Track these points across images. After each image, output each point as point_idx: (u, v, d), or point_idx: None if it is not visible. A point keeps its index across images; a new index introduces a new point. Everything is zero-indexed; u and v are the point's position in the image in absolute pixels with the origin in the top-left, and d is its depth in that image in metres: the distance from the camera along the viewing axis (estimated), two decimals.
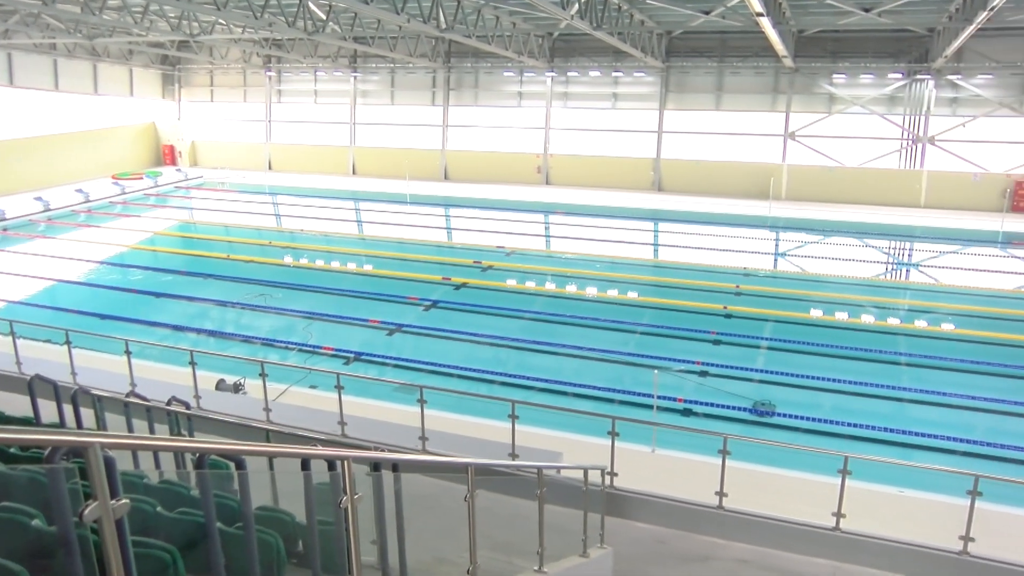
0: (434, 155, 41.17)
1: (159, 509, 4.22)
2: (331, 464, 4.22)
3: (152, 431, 7.96)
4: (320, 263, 24.81)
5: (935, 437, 12.95)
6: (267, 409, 11.31)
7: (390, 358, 16.62)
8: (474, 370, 15.66)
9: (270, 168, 44.29)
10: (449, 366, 15.82)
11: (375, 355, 16.71)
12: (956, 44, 26.10)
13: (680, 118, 37.13)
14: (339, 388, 10.84)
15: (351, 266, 24.83)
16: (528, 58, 34.12)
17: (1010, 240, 27.76)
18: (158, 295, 21.16)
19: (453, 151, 41.17)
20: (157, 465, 5.77)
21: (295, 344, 16.99)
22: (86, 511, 2.56)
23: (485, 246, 26.97)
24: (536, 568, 6.01)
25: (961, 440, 12.82)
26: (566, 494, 7.37)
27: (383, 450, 5.74)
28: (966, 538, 8.16)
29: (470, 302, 20.87)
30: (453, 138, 41.40)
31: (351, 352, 16.57)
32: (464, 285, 22.19)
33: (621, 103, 38.36)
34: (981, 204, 32.06)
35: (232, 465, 4.21)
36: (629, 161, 37.86)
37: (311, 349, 16.62)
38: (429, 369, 15.66)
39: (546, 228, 32.54)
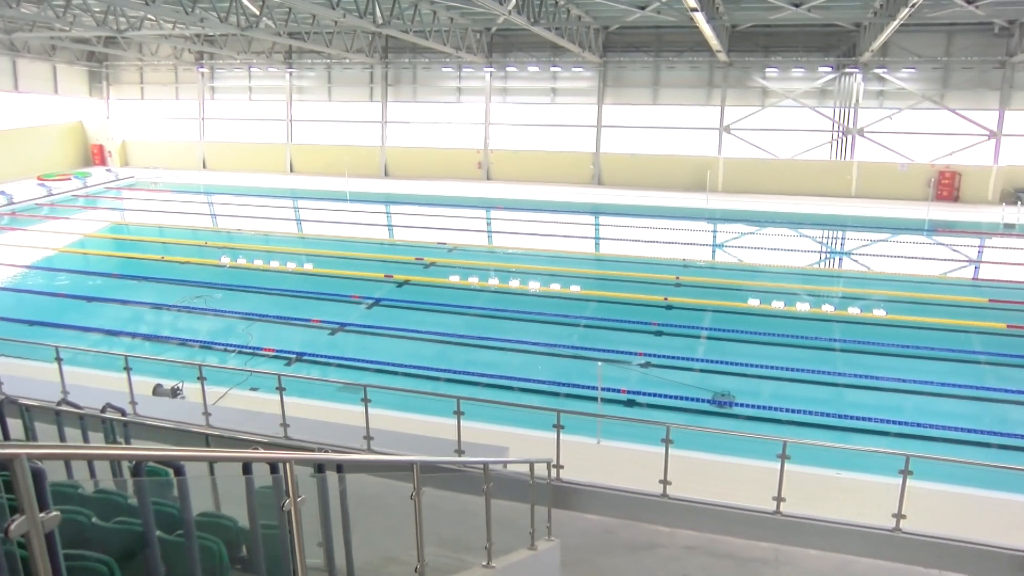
0: (373, 152, 40.78)
1: (95, 520, 4.09)
2: (273, 467, 4.15)
3: (86, 440, 7.71)
4: (259, 263, 24.36)
5: (869, 420, 13.37)
6: (206, 413, 11.06)
7: (333, 358, 16.43)
8: (419, 367, 15.58)
9: (205, 167, 43.30)
10: (393, 364, 15.71)
11: (318, 355, 16.49)
12: (881, 39, 26.95)
13: (618, 112, 37.52)
14: (280, 390, 10.67)
15: (291, 266, 24.44)
16: (466, 54, 34.04)
17: (935, 228, 28.79)
18: (90, 299, 20.50)
19: (393, 148, 40.84)
20: (92, 475, 5.60)
21: (235, 346, 16.66)
22: (12, 526, 2.46)
23: (427, 243, 26.85)
24: (484, 563, 6.01)
25: (893, 422, 13.25)
26: (513, 488, 7.39)
27: (327, 451, 5.67)
28: (898, 515, 8.44)
29: (413, 299, 20.76)
30: (392, 134, 41.07)
31: (293, 353, 16.32)
32: (407, 282, 22.06)
33: (560, 98, 38.57)
34: (908, 193, 33.20)
35: (171, 471, 4.10)
36: (569, 155, 38.11)
37: (251, 351, 16.31)
38: (373, 368, 15.53)
39: (488, 224, 32.54)
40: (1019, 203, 30.38)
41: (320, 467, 4.88)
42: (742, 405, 13.79)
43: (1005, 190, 32.20)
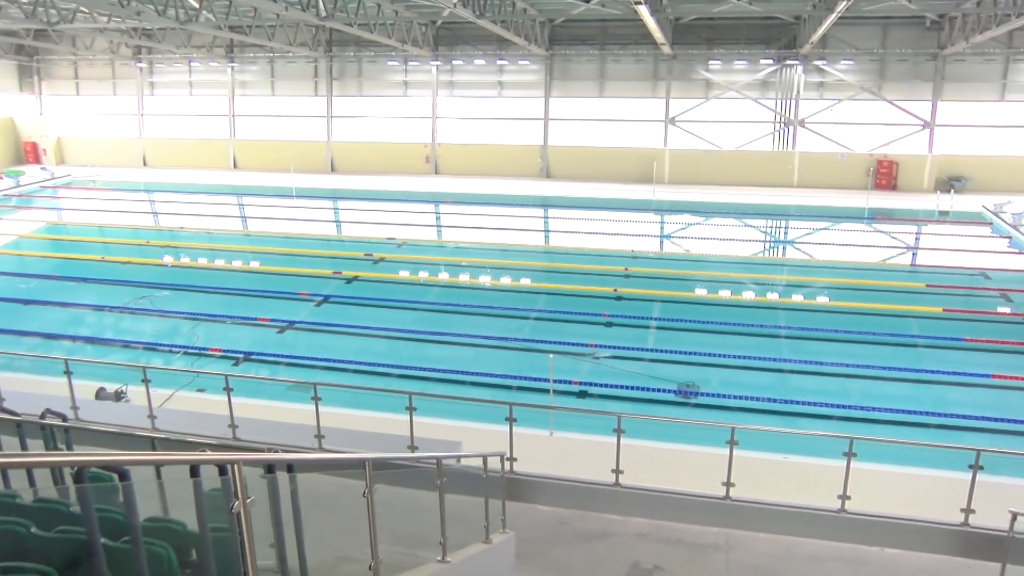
0: (319, 147, 40.27)
1: (34, 530, 3.97)
2: (222, 469, 4.08)
3: (24, 447, 7.47)
4: (203, 262, 23.86)
5: (814, 404, 13.69)
6: (152, 416, 10.83)
7: (282, 356, 16.20)
8: (370, 364, 15.46)
9: (145, 164, 42.24)
10: (344, 361, 15.56)
11: (266, 354, 16.24)
12: (820, 31, 27.54)
13: (565, 105, 37.68)
14: (228, 390, 10.49)
15: (237, 264, 24.00)
16: (412, 47, 33.81)
17: (875, 216, 29.58)
18: (27, 302, 19.84)
19: (339, 142, 40.38)
20: (31, 483, 5.43)
21: (180, 347, 16.30)
22: None
23: (376, 238, 26.64)
24: (439, 558, 6.01)
25: (837, 406, 13.61)
26: (467, 482, 7.40)
27: (277, 451, 5.60)
28: (843, 497, 8.69)
29: (363, 295, 20.58)
30: (338, 129, 40.61)
31: (240, 352, 16.04)
32: (356, 279, 21.86)
33: (507, 91, 38.57)
34: (848, 183, 34.03)
35: (115, 477, 4.01)
36: (517, 148, 38.15)
37: (198, 351, 15.99)
38: (323, 365, 15.36)
39: (437, 218, 32.40)
40: (952, 191, 31.38)
41: (270, 467, 4.82)
42: (692, 393, 14.00)
43: (939, 178, 33.23)
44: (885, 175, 33.96)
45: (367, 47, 37.90)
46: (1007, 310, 18.83)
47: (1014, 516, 6.71)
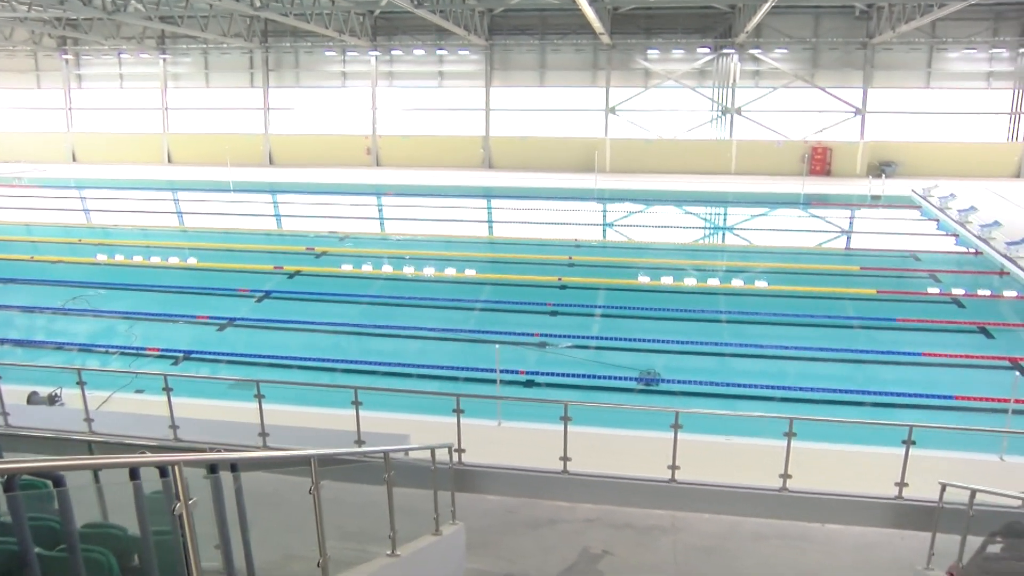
0: (256, 139, 39.52)
1: None
2: (163, 471, 3.98)
3: None
4: (139, 259, 23.20)
5: (755, 387, 14.00)
6: (88, 420, 10.50)
7: (223, 354, 15.86)
8: (314, 359, 15.26)
9: (74, 159, 40.92)
10: (287, 357, 15.33)
11: (207, 352, 15.89)
12: (755, 20, 28.07)
13: (506, 95, 37.68)
14: (168, 390, 10.23)
15: (174, 260, 23.40)
16: (350, 37, 33.37)
17: (810, 201, 30.32)
18: None
19: (277, 135, 39.69)
20: None
21: (116, 348, 15.85)
22: None
23: (317, 232, 26.28)
24: (389, 552, 5.98)
25: (777, 387, 13.93)
26: (415, 475, 7.37)
27: (220, 451, 5.49)
28: (784, 476, 8.91)
29: (305, 290, 20.28)
30: (276, 121, 39.91)
31: (180, 351, 15.67)
32: (298, 273, 21.53)
33: (448, 81, 38.39)
34: (784, 169, 34.83)
35: (50, 483, 3.88)
36: (459, 139, 38.03)
37: (135, 352, 15.57)
38: (266, 362, 15.11)
39: (379, 210, 32.11)
40: (883, 176, 32.35)
41: (213, 467, 4.72)
42: (654, 380, 14.16)
43: (871, 164, 34.24)
44: (819, 161, 34.85)
45: (304, 37, 37.27)
46: (936, 290, 19.52)
47: (943, 487, 6.97)
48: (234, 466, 5.07)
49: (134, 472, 4.02)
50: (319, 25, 30.11)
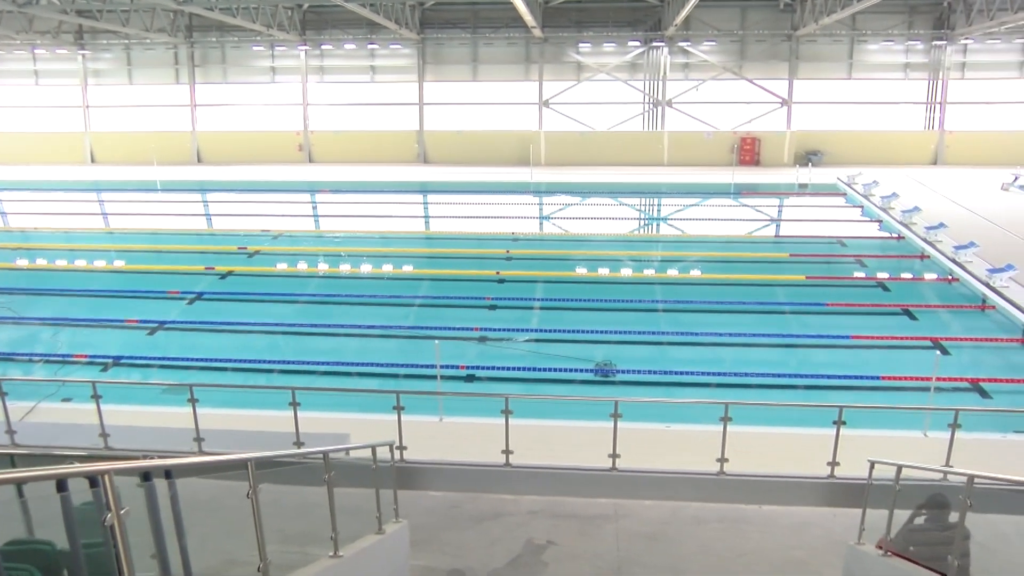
0: (184, 137, 38.48)
1: None
2: (92, 480, 3.85)
3: None
4: (62, 263, 22.38)
5: (692, 373, 14.28)
6: (11, 431, 10.11)
7: (154, 359, 15.43)
8: (250, 361, 14.96)
9: None
10: (222, 360, 14.99)
11: (137, 357, 15.45)
12: (683, 13, 28.52)
13: (440, 89, 37.49)
14: (96, 397, 9.92)
15: (100, 263, 22.62)
16: (278, 31, 32.74)
17: (740, 190, 31.00)
18: None
19: (205, 132, 38.70)
20: None
21: (40, 355, 15.26)
22: None
23: (250, 231, 25.74)
24: (331, 553, 5.91)
25: (713, 373, 14.23)
26: (357, 474, 7.30)
27: (153, 458, 5.34)
28: (722, 460, 9.13)
29: (238, 290, 19.86)
30: (204, 118, 38.91)
31: (108, 357, 15.17)
32: (230, 273, 21.05)
33: (380, 76, 37.99)
34: (714, 160, 35.52)
35: None
36: (393, 134, 37.71)
37: (61, 359, 15.02)
38: (200, 366, 14.74)
39: (313, 207, 31.63)
40: (810, 165, 33.27)
41: (146, 475, 4.59)
42: (577, 371, 14.30)
43: (798, 153, 35.16)
44: (748, 151, 35.66)
45: (230, 32, 36.39)
46: (862, 275, 20.18)
47: (872, 465, 7.23)
48: (168, 473, 4.94)
49: (61, 484, 3.88)
50: (246, 19, 29.45)
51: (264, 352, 15.66)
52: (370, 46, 37.00)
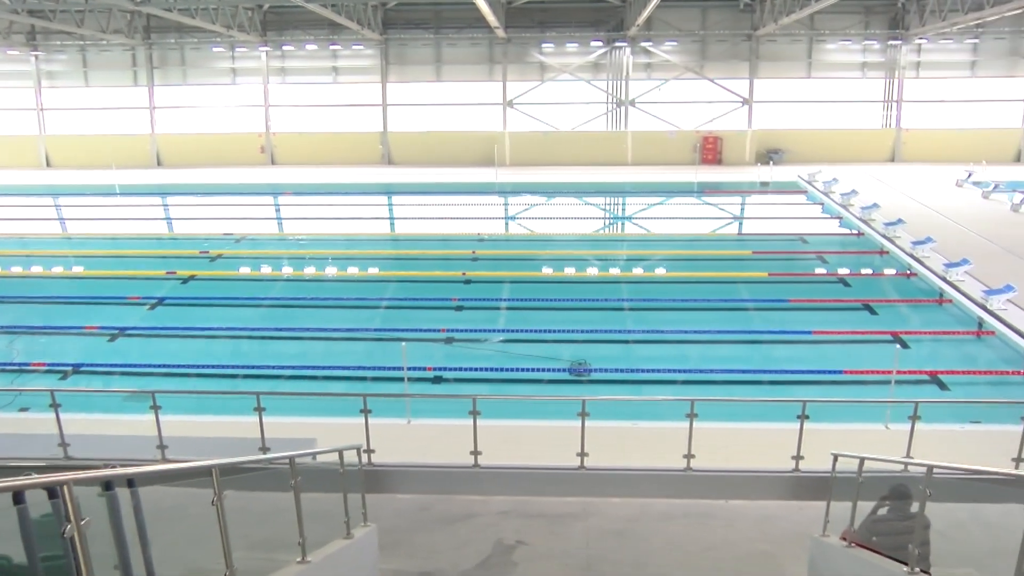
0: (143, 140, 37.86)
1: None
2: (52, 492, 3.77)
3: None
4: (17, 270, 21.88)
5: (658, 371, 14.39)
6: None
7: (115, 366, 15.14)
8: (213, 366, 14.77)
9: None
10: (185, 366, 14.76)
11: (97, 365, 15.13)
12: (645, 14, 28.70)
13: (403, 90, 37.33)
14: (56, 407, 9.72)
15: (58, 270, 22.13)
16: (239, 32, 32.35)
17: (703, 189, 31.31)
18: None
19: (165, 135, 38.12)
20: None
21: None
22: None
23: (212, 234, 25.38)
24: (299, 559, 5.86)
25: (679, 371, 14.36)
26: (324, 479, 7.25)
27: (115, 466, 5.24)
28: (688, 456, 9.21)
29: (201, 295, 19.59)
30: (163, 120, 38.29)
31: (68, 365, 14.87)
32: (192, 278, 20.76)
33: (343, 77, 37.72)
34: (677, 159, 35.84)
35: None
36: (357, 136, 37.47)
37: (18, 368, 14.69)
38: (162, 372, 14.51)
39: (277, 210, 31.30)
40: (771, 163, 33.71)
41: (108, 484, 4.51)
42: (546, 370, 14.32)
43: (759, 152, 35.62)
44: (711, 150, 36.04)
45: (190, 33, 35.87)
46: (823, 271, 20.49)
47: (835, 457, 7.35)
48: (131, 481, 4.86)
49: (18, 496, 3.80)
50: (205, 21, 29.06)
51: (228, 357, 15.47)
52: (332, 47, 36.72)
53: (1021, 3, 24.20)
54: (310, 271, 21.51)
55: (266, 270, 21.61)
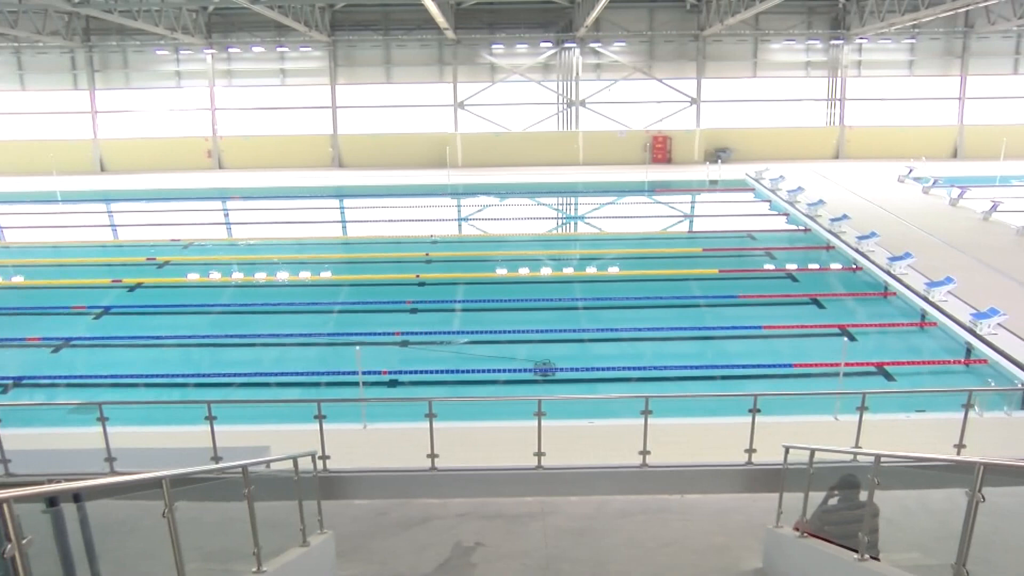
0: (85, 145, 36.91)
1: None
2: None
3: None
4: None
5: (613, 369, 14.49)
6: None
7: (60, 377, 14.72)
8: (163, 376, 14.45)
9: None
10: (133, 376, 14.41)
11: (40, 377, 14.70)
12: (593, 15, 28.93)
13: (353, 92, 37.05)
14: None
15: None
16: (183, 35, 31.75)
17: (654, 188, 31.65)
18: None
19: (108, 139, 37.22)
20: None
21: None
22: None
23: (158, 241, 24.85)
24: (254, 569, 5.77)
25: (634, 368, 14.49)
26: (279, 487, 7.15)
27: (59, 481, 5.10)
28: (644, 452, 9.30)
29: (148, 303, 19.15)
30: (106, 125, 37.39)
31: (8, 378, 14.41)
32: (139, 286, 20.29)
33: (291, 79, 37.27)
34: (628, 158, 36.20)
35: None
36: (306, 139, 37.07)
37: None
38: (109, 383, 14.13)
39: (225, 215, 30.77)
40: (719, 161, 34.24)
41: (52, 500, 4.38)
42: (501, 371, 14.33)
43: (707, 150, 36.16)
44: (660, 149, 36.47)
45: (132, 36, 35.09)
46: (771, 267, 20.87)
47: (787, 450, 7.48)
48: (77, 496, 4.73)
49: None
50: (148, 23, 28.46)
51: (177, 366, 15.16)
52: (279, 49, 36.26)
53: (953, 5, 25.03)
54: (261, 276, 21.20)
55: (215, 276, 21.24)
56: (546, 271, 20.89)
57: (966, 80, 36.52)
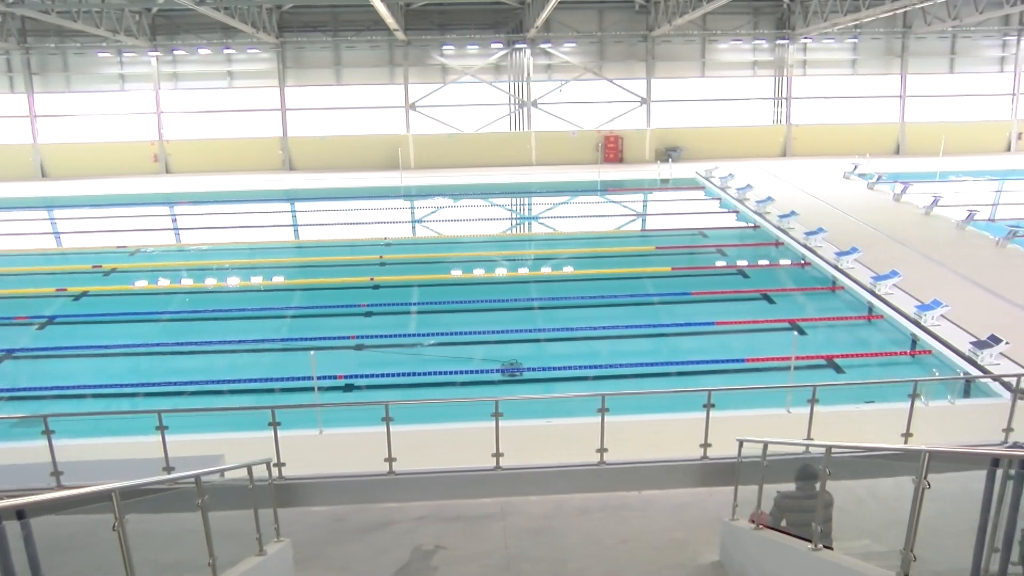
0: (24, 150, 35.85)
1: None
2: None
3: None
4: None
5: (569, 368, 14.56)
6: None
7: (2, 391, 14.28)
8: (111, 386, 14.11)
9: None
10: (79, 387, 14.04)
11: None
12: (543, 15, 29.04)
13: (303, 94, 36.62)
14: None
15: None
16: (126, 37, 31.00)
17: (606, 187, 31.89)
18: None
19: (48, 144, 36.19)
20: None
21: None
22: None
23: (104, 248, 24.22)
24: None
25: (590, 366, 14.57)
26: (233, 496, 7.03)
27: (1, 498, 4.94)
28: (601, 450, 9.36)
29: (94, 312, 18.67)
30: (46, 130, 36.33)
31: None
32: (84, 294, 19.78)
33: (238, 81, 36.68)
34: (580, 158, 36.42)
35: None
36: (255, 142, 36.51)
37: None
38: (55, 394, 13.74)
39: (173, 220, 30.14)
40: (670, 160, 34.62)
41: None
42: (458, 372, 14.29)
43: (658, 150, 36.56)
44: (612, 149, 36.76)
45: (72, 37, 34.15)
46: (723, 263, 21.19)
47: (740, 443, 7.60)
48: (21, 513, 4.59)
49: None
50: (88, 24, 27.74)
51: (126, 375, 14.81)
52: (226, 51, 35.67)
53: (893, 6, 25.71)
54: (211, 282, 20.83)
55: (164, 283, 20.80)
56: (501, 272, 20.92)
57: (906, 79, 37.52)
